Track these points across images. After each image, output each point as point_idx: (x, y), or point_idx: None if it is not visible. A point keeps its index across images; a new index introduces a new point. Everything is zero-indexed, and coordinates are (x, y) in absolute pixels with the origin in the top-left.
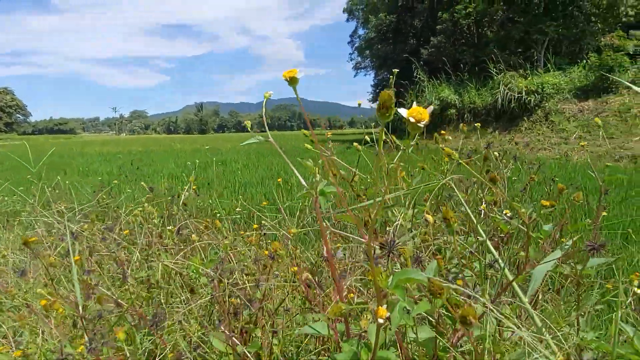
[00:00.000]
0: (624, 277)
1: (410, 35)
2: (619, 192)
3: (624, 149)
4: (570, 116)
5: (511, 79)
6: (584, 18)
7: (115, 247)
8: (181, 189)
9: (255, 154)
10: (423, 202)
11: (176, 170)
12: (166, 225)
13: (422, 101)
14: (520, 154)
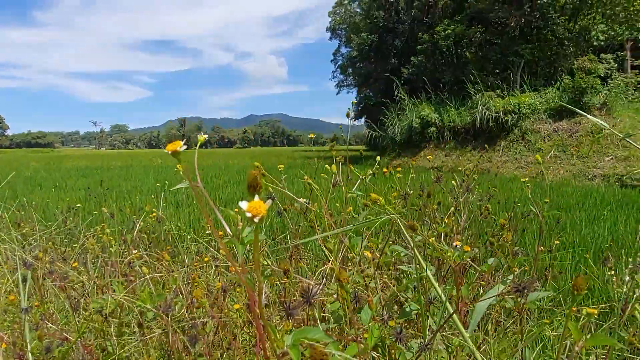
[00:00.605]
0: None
1: (392, 55)
2: (592, 210)
3: (597, 168)
4: (546, 136)
5: (489, 99)
6: (558, 42)
7: (62, 279)
8: (154, 209)
9: (237, 170)
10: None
11: (156, 186)
12: (122, 254)
13: (404, 119)
14: (493, 174)
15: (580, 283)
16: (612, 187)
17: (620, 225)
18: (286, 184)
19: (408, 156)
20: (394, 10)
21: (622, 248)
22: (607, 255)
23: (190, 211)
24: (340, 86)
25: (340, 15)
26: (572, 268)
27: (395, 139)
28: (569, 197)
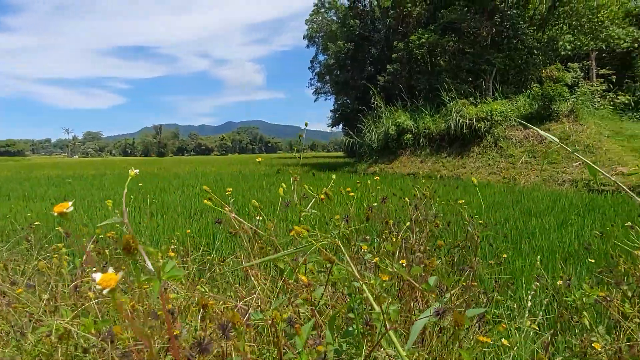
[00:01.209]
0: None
1: (368, 63)
2: (560, 215)
3: (566, 173)
4: (517, 142)
5: (462, 106)
6: (527, 51)
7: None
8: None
9: (214, 179)
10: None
11: (129, 196)
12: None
13: (380, 126)
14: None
15: (460, 319)
16: (580, 192)
17: (587, 229)
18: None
19: (385, 162)
20: (369, 19)
21: (589, 253)
22: (561, 266)
23: (165, 220)
24: (318, 93)
25: (317, 24)
26: (527, 274)
27: (372, 146)
28: (539, 202)
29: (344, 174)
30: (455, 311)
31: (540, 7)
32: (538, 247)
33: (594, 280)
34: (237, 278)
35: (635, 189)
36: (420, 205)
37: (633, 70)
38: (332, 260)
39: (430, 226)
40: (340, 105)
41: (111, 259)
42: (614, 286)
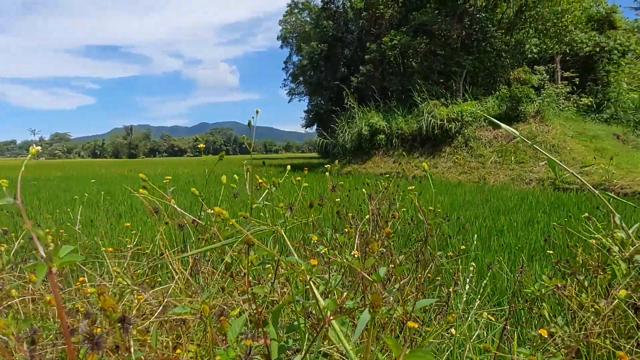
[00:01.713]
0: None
1: (341, 64)
2: (527, 212)
3: (532, 172)
4: (487, 142)
5: (434, 107)
6: (496, 53)
7: None
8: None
9: (185, 180)
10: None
11: (97, 197)
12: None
13: (353, 127)
14: (438, 180)
15: (376, 300)
16: (547, 191)
17: (553, 225)
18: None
19: (358, 163)
20: (342, 20)
21: (553, 248)
22: (522, 262)
23: (134, 222)
24: (292, 94)
25: (290, 24)
26: (486, 269)
27: (346, 146)
28: (508, 201)
29: (317, 174)
30: (374, 294)
31: (507, 11)
32: (506, 244)
33: (553, 272)
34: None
35: (598, 187)
36: (379, 198)
37: (595, 73)
38: (252, 243)
39: (386, 217)
40: (314, 106)
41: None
42: (571, 277)
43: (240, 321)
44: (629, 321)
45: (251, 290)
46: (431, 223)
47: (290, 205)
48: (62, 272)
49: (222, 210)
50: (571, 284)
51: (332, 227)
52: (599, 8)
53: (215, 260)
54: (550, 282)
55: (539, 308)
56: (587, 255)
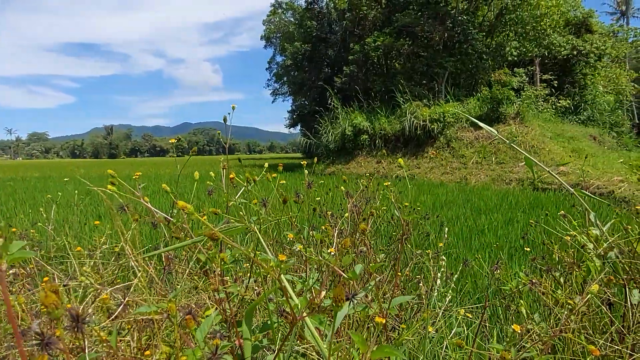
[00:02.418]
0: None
1: (325, 64)
2: (508, 212)
3: (512, 172)
4: (468, 143)
5: (417, 108)
6: (477, 56)
7: None
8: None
9: (168, 180)
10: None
11: (76, 198)
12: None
13: (337, 127)
14: (421, 180)
15: (339, 293)
16: (526, 191)
17: (531, 224)
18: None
19: (342, 163)
20: (326, 21)
21: (531, 246)
22: (499, 257)
23: (111, 223)
24: (276, 94)
25: (274, 24)
26: (477, 269)
27: (330, 147)
28: (489, 200)
29: (300, 175)
30: (338, 286)
31: (488, 15)
32: (487, 243)
33: (532, 270)
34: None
35: (575, 186)
36: (358, 195)
37: (572, 76)
38: (216, 237)
39: (365, 215)
40: (297, 106)
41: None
42: (548, 273)
43: (209, 321)
44: (602, 317)
45: (223, 289)
46: (408, 219)
47: (264, 201)
48: (29, 273)
49: (187, 204)
50: (547, 280)
51: (309, 225)
52: (576, 12)
53: (190, 259)
54: (526, 279)
55: (516, 305)
56: (563, 253)
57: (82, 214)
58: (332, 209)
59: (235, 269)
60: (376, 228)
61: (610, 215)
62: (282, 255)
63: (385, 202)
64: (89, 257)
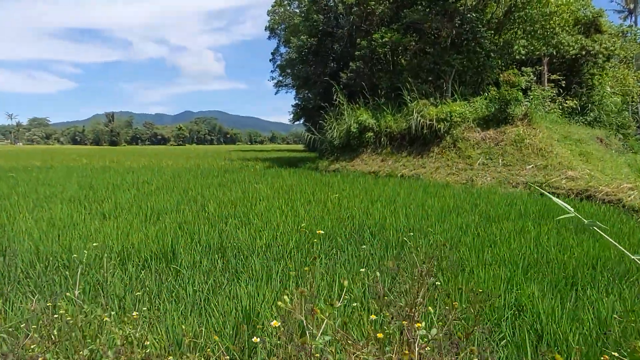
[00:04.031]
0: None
1: (331, 59)
2: (517, 220)
3: (519, 175)
4: (475, 144)
5: (424, 106)
6: (485, 54)
7: None
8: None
9: (172, 174)
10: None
11: (79, 193)
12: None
13: (342, 123)
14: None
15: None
16: (533, 195)
17: (543, 237)
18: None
19: (346, 160)
20: (333, 15)
21: (547, 263)
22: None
23: (119, 223)
24: (279, 86)
25: (279, 15)
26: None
27: (334, 143)
28: (497, 206)
29: (305, 171)
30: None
31: (497, 12)
32: (501, 257)
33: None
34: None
35: (583, 192)
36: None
37: (580, 76)
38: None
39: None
40: (302, 100)
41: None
42: None
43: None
44: None
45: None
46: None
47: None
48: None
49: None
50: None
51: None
52: (586, 11)
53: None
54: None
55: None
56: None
57: (85, 212)
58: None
59: None
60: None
61: (623, 227)
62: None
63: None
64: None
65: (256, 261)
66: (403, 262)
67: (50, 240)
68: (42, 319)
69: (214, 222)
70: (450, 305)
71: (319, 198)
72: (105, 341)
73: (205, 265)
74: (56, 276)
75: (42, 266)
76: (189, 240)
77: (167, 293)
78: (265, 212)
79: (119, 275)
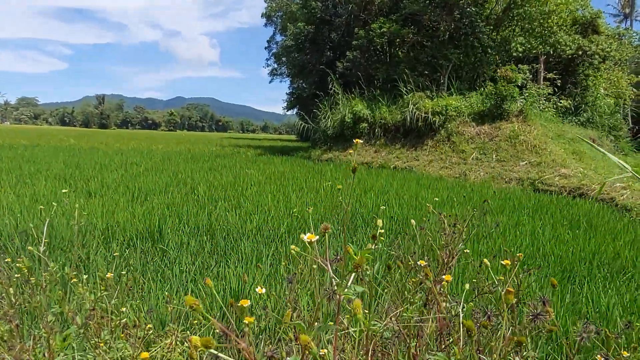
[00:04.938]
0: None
1: (327, 48)
2: (512, 214)
3: (513, 171)
4: (469, 138)
5: (419, 99)
6: (482, 49)
7: None
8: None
9: (161, 157)
10: None
11: (65, 171)
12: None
13: (337, 113)
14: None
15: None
16: (527, 191)
17: (538, 230)
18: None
19: (339, 150)
20: (331, 2)
21: (544, 256)
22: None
23: (105, 202)
24: (274, 75)
25: (276, 2)
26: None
27: (327, 133)
28: (491, 200)
29: (297, 159)
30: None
31: (496, 8)
32: (496, 249)
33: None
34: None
35: (576, 190)
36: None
37: (575, 76)
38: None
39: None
40: (296, 89)
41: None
42: None
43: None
44: None
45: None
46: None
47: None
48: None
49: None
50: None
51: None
52: (584, 12)
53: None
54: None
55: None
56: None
57: (70, 189)
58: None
59: None
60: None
61: (617, 224)
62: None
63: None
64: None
65: (246, 244)
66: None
67: (31, 216)
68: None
69: (204, 204)
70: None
71: (311, 185)
72: (74, 307)
73: (193, 246)
74: (35, 251)
75: (21, 241)
76: (177, 222)
77: (153, 273)
78: (257, 196)
79: (102, 254)
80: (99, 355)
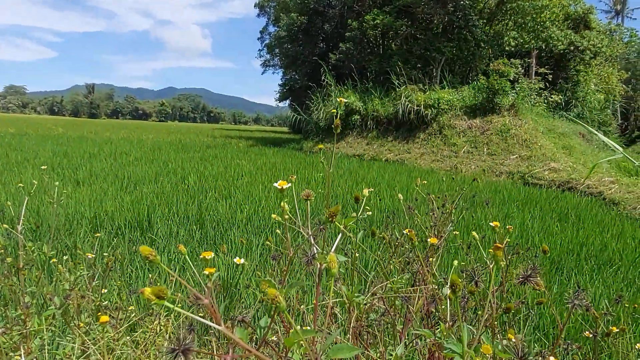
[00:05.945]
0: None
1: (320, 39)
2: (502, 206)
3: (503, 165)
4: (461, 132)
5: (412, 92)
6: (475, 43)
7: None
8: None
9: (152, 147)
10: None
11: (53, 160)
12: None
13: (329, 105)
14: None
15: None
16: (517, 184)
17: (527, 222)
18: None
19: (331, 142)
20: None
21: (532, 246)
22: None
23: (93, 190)
24: (266, 66)
25: None
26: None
27: (320, 124)
28: (481, 193)
29: (289, 151)
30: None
31: (489, 1)
32: (486, 240)
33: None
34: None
35: (565, 183)
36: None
37: (566, 71)
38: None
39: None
40: (288, 80)
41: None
42: None
43: None
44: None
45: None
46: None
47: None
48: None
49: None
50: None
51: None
52: (576, 7)
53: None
54: None
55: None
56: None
57: (58, 177)
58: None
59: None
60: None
61: (604, 217)
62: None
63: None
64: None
65: (236, 234)
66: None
67: (17, 204)
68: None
69: (194, 194)
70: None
71: (302, 176)
72: (52, 289)
73: (182, 235)
74: (10, 229)
75: (7, 229)
76: (166, 211)
77: (140, 261)
78: (247, 186)
79: (90, 242)
80: (78, 337)
